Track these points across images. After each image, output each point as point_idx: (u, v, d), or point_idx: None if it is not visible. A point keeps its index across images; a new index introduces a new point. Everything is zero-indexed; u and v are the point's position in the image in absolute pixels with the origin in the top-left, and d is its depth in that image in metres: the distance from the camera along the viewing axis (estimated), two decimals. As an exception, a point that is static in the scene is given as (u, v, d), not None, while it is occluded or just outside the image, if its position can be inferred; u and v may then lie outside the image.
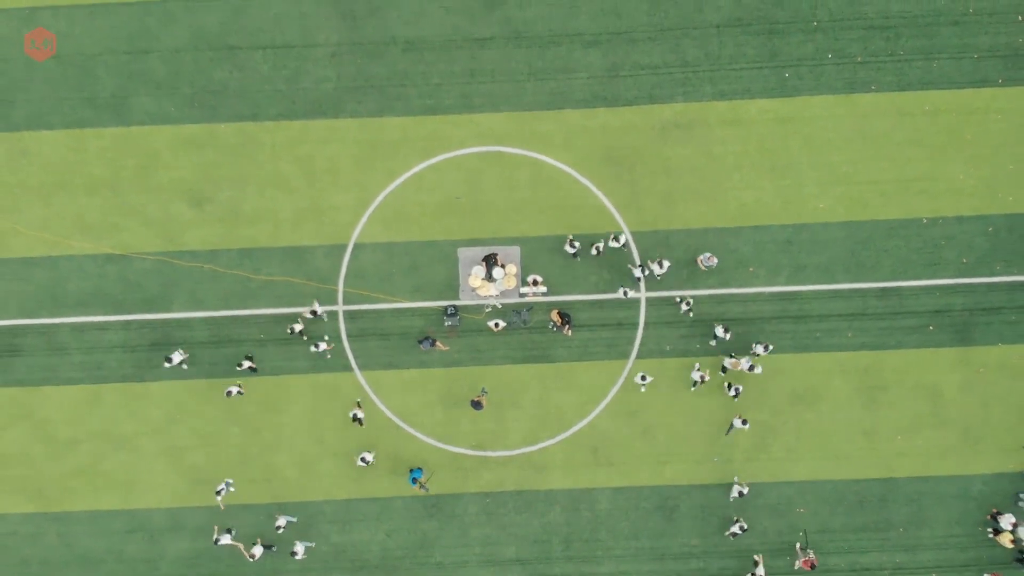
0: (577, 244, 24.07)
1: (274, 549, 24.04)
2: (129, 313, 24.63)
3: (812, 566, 23.67)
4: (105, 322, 24.64)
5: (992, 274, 24.76)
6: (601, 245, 24.07)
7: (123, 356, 24.62)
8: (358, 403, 24.42)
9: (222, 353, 24.54)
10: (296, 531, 24.39)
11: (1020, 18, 24.73)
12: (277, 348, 24.56)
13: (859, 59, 24.81)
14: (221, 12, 24.78)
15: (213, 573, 24.50)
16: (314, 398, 24.70)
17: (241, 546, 23.60)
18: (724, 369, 24.22)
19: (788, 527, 24.46)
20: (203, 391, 24.58)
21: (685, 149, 24.76)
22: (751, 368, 23.59)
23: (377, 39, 24.84)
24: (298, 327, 23.80)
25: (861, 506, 24.77)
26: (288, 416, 24.72)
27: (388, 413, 24.77)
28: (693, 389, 24.45)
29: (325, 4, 24.76)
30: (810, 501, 24.62)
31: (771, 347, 23.98)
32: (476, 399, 24.02)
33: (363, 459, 23.96)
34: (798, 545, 24.08)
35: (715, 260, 24.11)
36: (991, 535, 24.37)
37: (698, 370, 23.99)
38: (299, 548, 23.48)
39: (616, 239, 24.03)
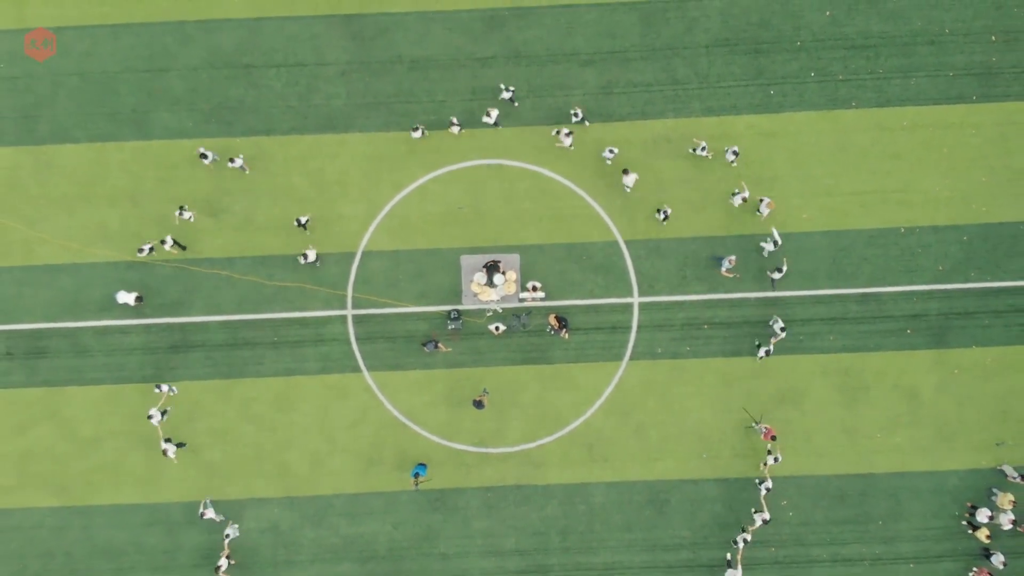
0: (512, 89, 24.90)
1: (184, 446, 24.71)
2: (149, 317, 25.53)
3: (773, 437, 24.28)
4: (126, 326, 25.51)
5: (966, 280, 25.56)
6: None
7: (143, 358, 25.45)
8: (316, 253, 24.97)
9: (238, 355, 25.43)
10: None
11: (993, 38, 25.70)
12: (290, 350, 25.44)
13: (840, 77, 25.76)
14: (236, 32, 25.81)
15: (228, 563, 25.19)
16: (325, 398, 25.45)
17: (159, 430, 24.48)
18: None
19: (774, 520, 24.95)
20: (220, 391, 25.40)
21: (675, 162, 25.65)
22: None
23: (384, 58, 25.81)
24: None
25: (842, 500, 25.40)
26: (299, 415, 25.46)
27: (394, 412, 25.58)
28: (735, 203, 25.01)
29: (335, 25, 25.78)
30: (793, 495, 25.31)
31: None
32: (478, 399, 24.87)
33: (304, 255, 24.60)
34: (755, 423, 24.90)
35: (735, 258, 24.80)
36: (970, 531, 25.01)
37: (738, 193, 24.64)
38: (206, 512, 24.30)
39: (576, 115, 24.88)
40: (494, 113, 24.87)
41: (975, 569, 24.99)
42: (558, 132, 24.90)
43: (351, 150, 25.79)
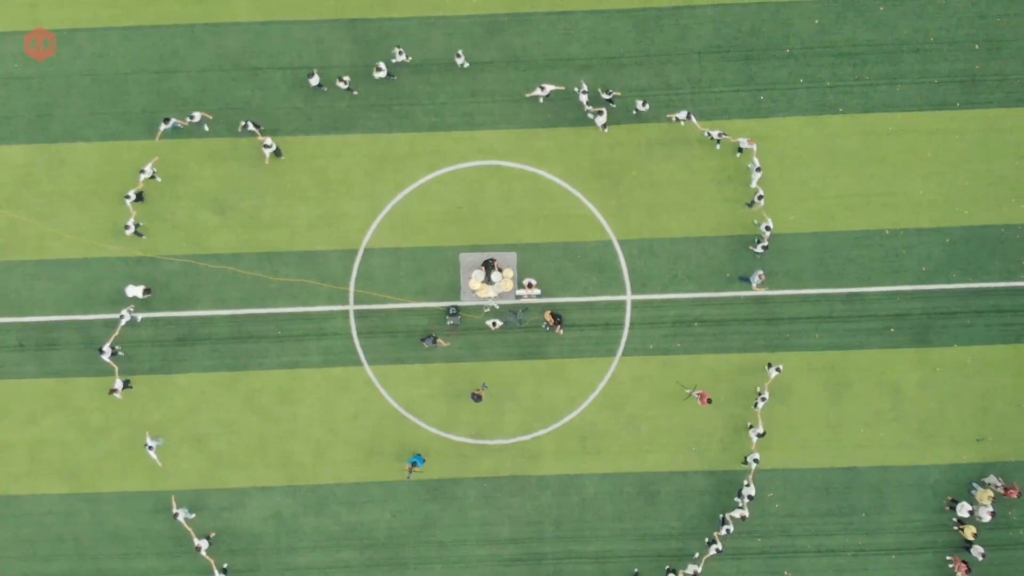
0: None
1: (130, 385, 25.62)
2: (157, 311, 26.23)
3: (708, 400, 25.11)
4: (135, 319, 26.04)
5: (949, 281, 26.27)
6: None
7: (152, 350, 26.12)
8: (273, 141, 25.40)
9: (243, 348, 26.13)
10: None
11: (976, 47, 26.41)
12: (294, 344, 26.16)
13: (828, 83, 26.45)
14: (244, 36, 26.48)
15: (233, 550, 25.90)
16: (327, 390, 26.14)
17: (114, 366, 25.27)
18: (740, 150, 25.87)
19: (760, 511, 25.92)
20: (226, 383, 26.13)
21: (668, 164, 26.32)
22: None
23: (387, 61, 26.38)
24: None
25: (826, 493, 26.10)
26: (303, 407, 26.16)
27: (394, 404, 26.29)
28: (718, 147, 26.00)
29: (340, 29, 26.44)
30: (779, 487, 26.04)
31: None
32: (476, 392, 25.55)
33: (266, 144, 25.22)
34: (689, 391, 25.66)
35: (763, 272, 25.44)
36: (956, 527, 25.73)
37: (720, 134, 25.45)
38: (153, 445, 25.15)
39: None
40: (383, 67, 25.52)
41: (951, 557, 25.76)
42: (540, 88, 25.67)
43: (354, 150, 26.42)
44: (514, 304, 26.39)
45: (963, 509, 25.55)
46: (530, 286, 26.00)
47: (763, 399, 25.36)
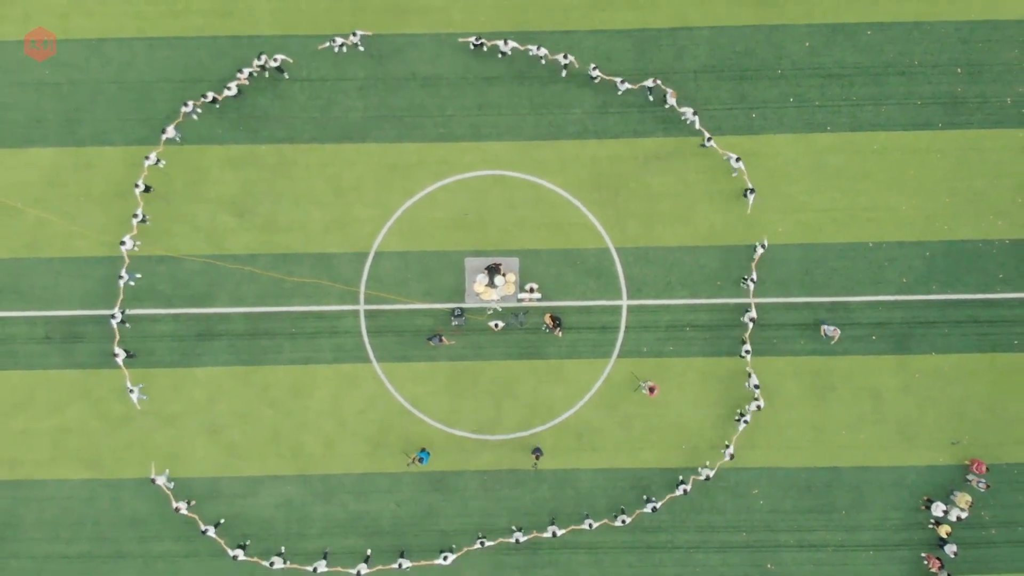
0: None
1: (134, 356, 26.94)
2: (178, 307, 27.48)
3: (651, 389, 26.18)
4: (156, 315, 27.41)
5: (928, 292, 27.45)
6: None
7: (172, 344, 27.31)
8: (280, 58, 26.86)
9: (258, 344, 27.34)
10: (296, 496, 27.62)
11: (959, 70, 27.66)
12: (306, 341, 27.37)
13: (817, 103, 27.66)
14: (265, 48, 27.57)
15: (246, 534, 27.06)
16: (337, 385, 27.34)
17: (116, 331, 26.47)
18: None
19: (745, 507, 27.19)
20: (241, 376, 27.34)
21: (664, 177, 27.51)
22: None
23: (399, 75, 27.67)
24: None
25: (809, 491, 27.26)
26: (314, 401, 27.35)
27: (401, 400, 27.46)
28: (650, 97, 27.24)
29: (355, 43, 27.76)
30: (764, 485, 27.24)
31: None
32: (535, 459, 26.47)
33: (274, 60, 26.52)
34: (641, 384, 26.70)
35: (838, 331, 26.71)
36: (932, 526, 26.92)
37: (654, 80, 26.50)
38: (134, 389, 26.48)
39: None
40: (171, 131, 26.83)
41: (925, 555, 27.06)
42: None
43: (367, 159, 27.60)
44: (516, 307, 27.47)
45: (938, 509, 26.83)
46: (531, 290, 27.10)
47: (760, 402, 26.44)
